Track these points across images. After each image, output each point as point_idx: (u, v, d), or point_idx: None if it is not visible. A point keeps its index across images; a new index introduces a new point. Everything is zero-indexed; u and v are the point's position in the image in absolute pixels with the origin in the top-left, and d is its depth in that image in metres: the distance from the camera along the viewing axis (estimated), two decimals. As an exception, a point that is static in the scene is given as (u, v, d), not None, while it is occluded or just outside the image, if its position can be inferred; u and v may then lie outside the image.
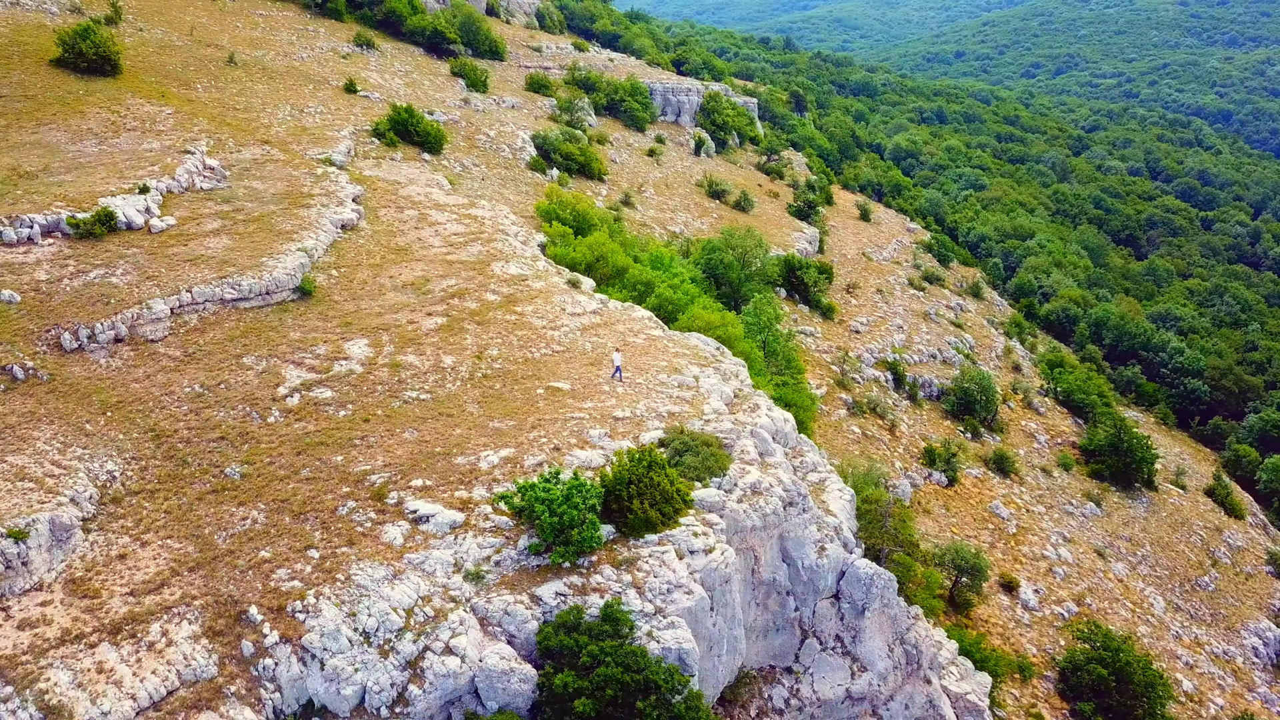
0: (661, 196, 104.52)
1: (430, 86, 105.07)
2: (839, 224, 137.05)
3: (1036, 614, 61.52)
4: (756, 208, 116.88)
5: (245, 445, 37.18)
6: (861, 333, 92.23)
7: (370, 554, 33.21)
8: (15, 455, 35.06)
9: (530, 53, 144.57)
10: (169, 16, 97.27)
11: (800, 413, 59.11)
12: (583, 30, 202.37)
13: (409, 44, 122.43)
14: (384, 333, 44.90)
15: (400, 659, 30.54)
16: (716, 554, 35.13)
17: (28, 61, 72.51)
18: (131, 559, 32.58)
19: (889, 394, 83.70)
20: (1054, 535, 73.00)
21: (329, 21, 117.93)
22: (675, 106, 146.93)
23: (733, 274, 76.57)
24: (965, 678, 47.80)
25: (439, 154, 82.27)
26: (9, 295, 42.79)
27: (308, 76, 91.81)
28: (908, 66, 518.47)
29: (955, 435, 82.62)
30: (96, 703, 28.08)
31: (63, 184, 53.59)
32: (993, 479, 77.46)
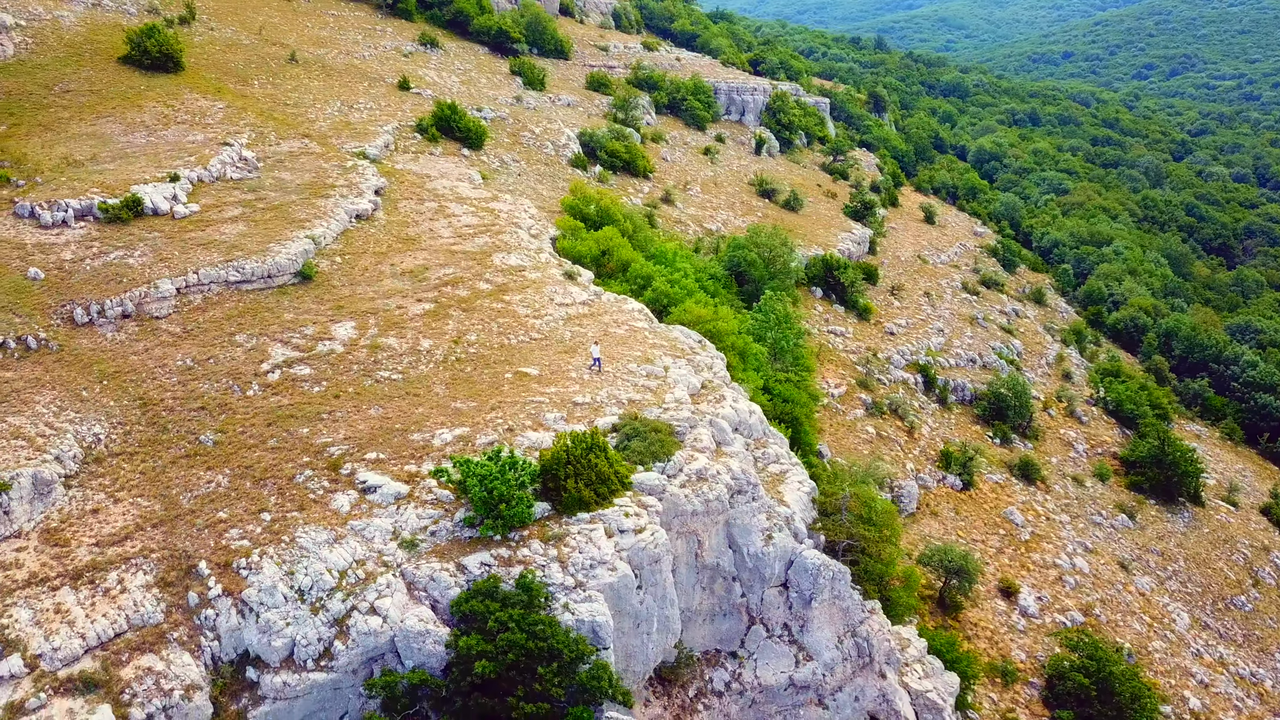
0: (708, 195, 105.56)
1: (486, 84, 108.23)
2: (900, 226, 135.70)
3: (1035, 621, 60.79)
4: (807, 207, 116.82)
5: (222, 415, 40.07)
6: (896, 335, 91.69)
7: (317, 519, 35.61)
8: (15, 416, 38.61)
9: (597, 52, 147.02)
10: (242, 16, 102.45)
11: (797, 409, 59.85)
12: (661, 30, 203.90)
13: (474, 43, 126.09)
14: (371, 316, 47.48)
15: (329, 616, 32.83)
16: (646, 534, 36.47)
17: (98, 59, 77.85)
18: (103, 514, 35.67)
19: (916, 396, 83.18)
20: (1073, 545, 71.70)
21: (398, 21, 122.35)
22: (740, 106, 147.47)
23: (755, 272, 77.26)
24: (930, 676, 47.95)
25: (479, 149, 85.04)
26: (35, 273, 46.77)
27: (365, 74, 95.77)
28: (1011, 67, 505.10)
29: (982, 440, 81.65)
30: (49, 639, 31.07)
31: (104, 172, 57.88)
32: (1015, 485, 76.38)
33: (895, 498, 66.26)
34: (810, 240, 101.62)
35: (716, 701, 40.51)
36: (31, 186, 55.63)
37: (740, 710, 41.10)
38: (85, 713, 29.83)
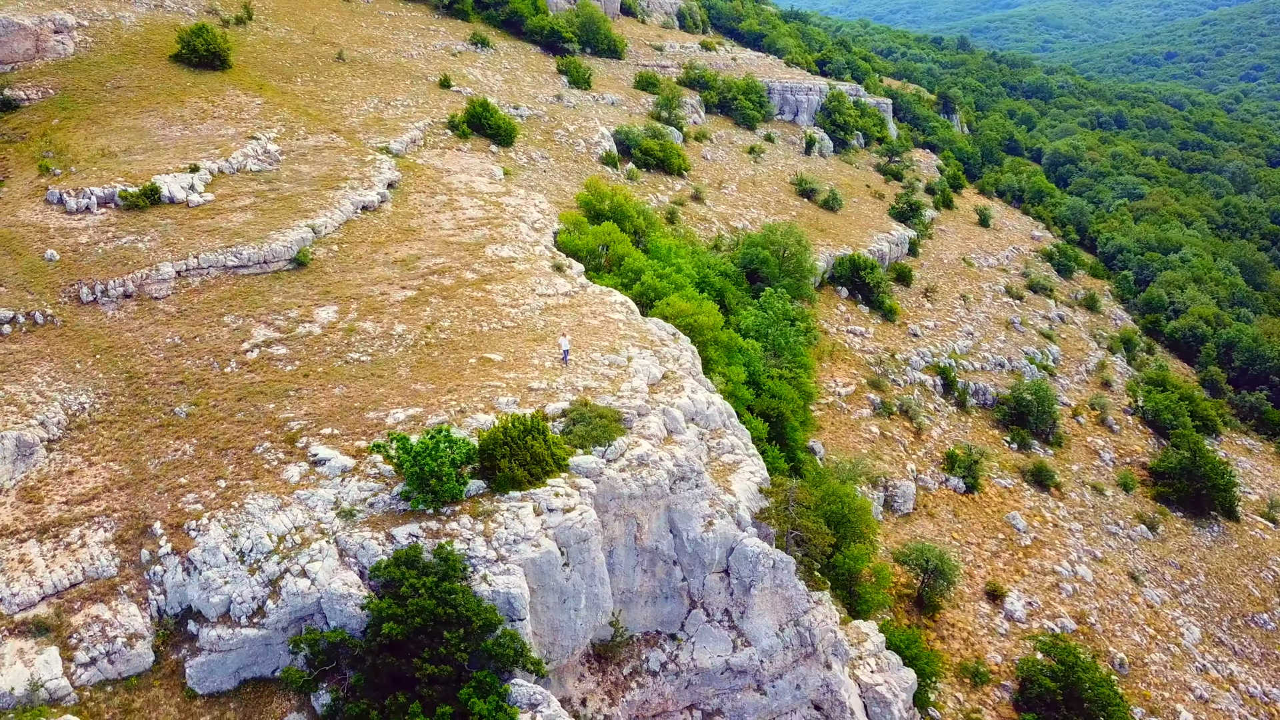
0: (743, 193, 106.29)
1: (531, 83, 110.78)
2: (950, 228, 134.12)
3: (1021, 626, 60.32)
4: (849, 208, 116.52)
5: (198, 389, 42.98)
6: (920, 336, 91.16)
7: (268, 488, 38.13)
8: (12, 384, 42.14)
9: (651, 51, 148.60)
10: (299, 17, 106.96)
11: (783, 404, 60.61)
12: (728, 29, 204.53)
13: (527, 42, 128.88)
14: (354, 302, 50.05)
15: (264, 577, 35.26)
16: (575, 514, 38.03)
17: (151, 57, 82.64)
18: (77, 475, 38.81)
19: (933, 398, 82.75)
20: (1078, 553, 70.67)
21: (454, 21, 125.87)
22: (793, 105, 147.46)
23: (768, 269, 77.92)
24: (884, 671, 48.44)
25: (509, 146, 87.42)
26: (51, 254, 50.60)
27: (408, 72, 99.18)
28: (1109, 68, 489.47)
29: (998, 444, 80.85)
30: (9, 585, 34.17)
31: (133, 163, 61.87)
32: (1025, 491, 75.49)
33: (889, 497, 66.41)
34: (843, 240, 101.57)
35: (651, 680, 41.81)
36: (66, 175, 59.86)
37: (676, 691, 42.34)
38: (34, 653, 32.81)
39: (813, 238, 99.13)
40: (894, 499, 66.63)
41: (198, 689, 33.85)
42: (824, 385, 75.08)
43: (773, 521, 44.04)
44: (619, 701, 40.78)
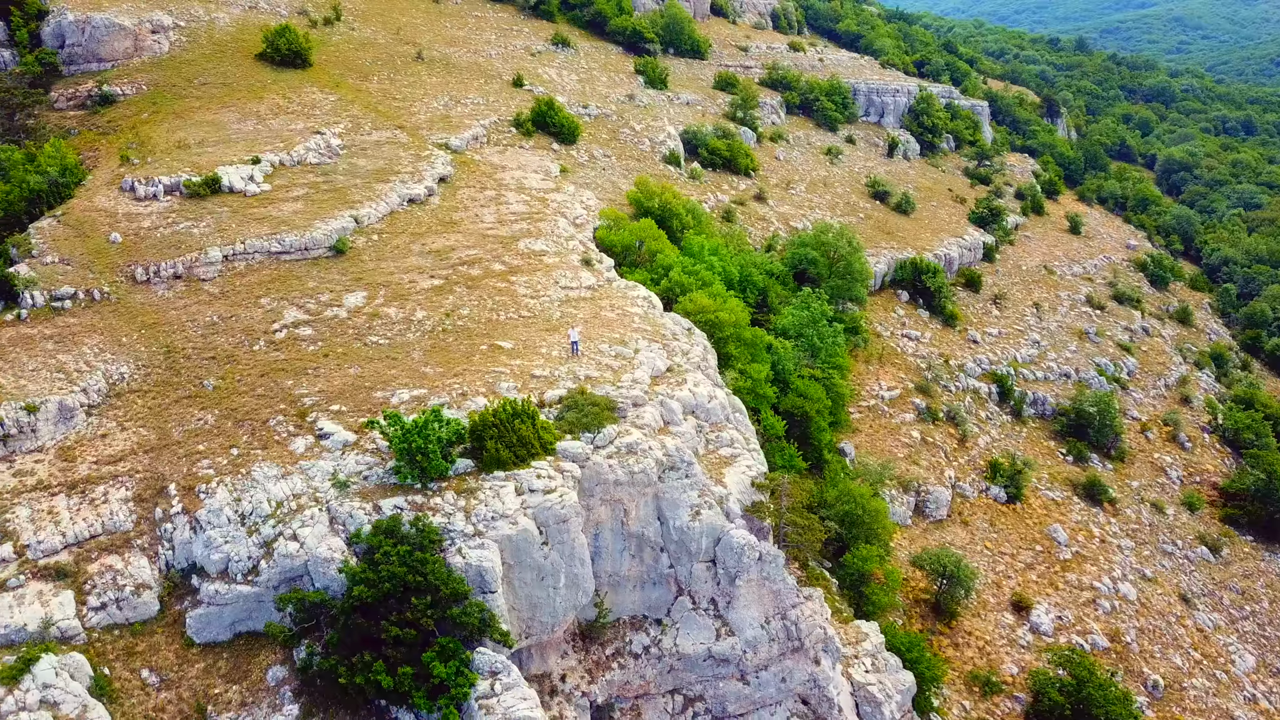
0: (812, 194, 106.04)
1: (606, 82, 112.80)
2: (1037, 234, 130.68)
3: (1046, 639, 59.02)
4: (924, 211, 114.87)
5: (227, 365, 46.14)
6: (980, 343, 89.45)
7: (274, 457, 40.84)
8: (64, 354, 46.08)
9: (736, 52, 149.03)
10: (387, 18, 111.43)
11: (808, 404, 60.88)
12: (825, 30, 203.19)
13: (609, 43, 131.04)
14: (383, 288, 52.68)
15: (260, 539, 37.90)
16: (555, 495, 39.53)
17: (238, 56, 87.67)
18: (109, 438, 42.28)
19: (985, 406, 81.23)
20: (1124, 570, 68.57)
21: (538, 22, 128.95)
22: (879, 107, 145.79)
23: (815, 270, 77.89)
24: (880, 671, 48.47)
25: (571, 144, 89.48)
26: (115, 237, 54.82)
27: (484, 71, 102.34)
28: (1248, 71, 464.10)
29: (1051, 456, 78.89)
30: (37, 533, 37.63)
31: (203, 154, 66.14)
32: (1073, 504, 73.49)
33: (921, 502, 65.82)
34: (909, 244, 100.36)
35: (633, 662, 43.03)
36: (143, 164, 64.46)
37: (658, 675, 43.45)
38: (52, 595, 36.12)
39: (877, 240, 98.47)
40: (926, 504, 65.98)
41: (195, 638, 36.64)
42: (867, 388, 74.72)
43: (763, 515, 44.62)
44: (598, 680, 42.14)
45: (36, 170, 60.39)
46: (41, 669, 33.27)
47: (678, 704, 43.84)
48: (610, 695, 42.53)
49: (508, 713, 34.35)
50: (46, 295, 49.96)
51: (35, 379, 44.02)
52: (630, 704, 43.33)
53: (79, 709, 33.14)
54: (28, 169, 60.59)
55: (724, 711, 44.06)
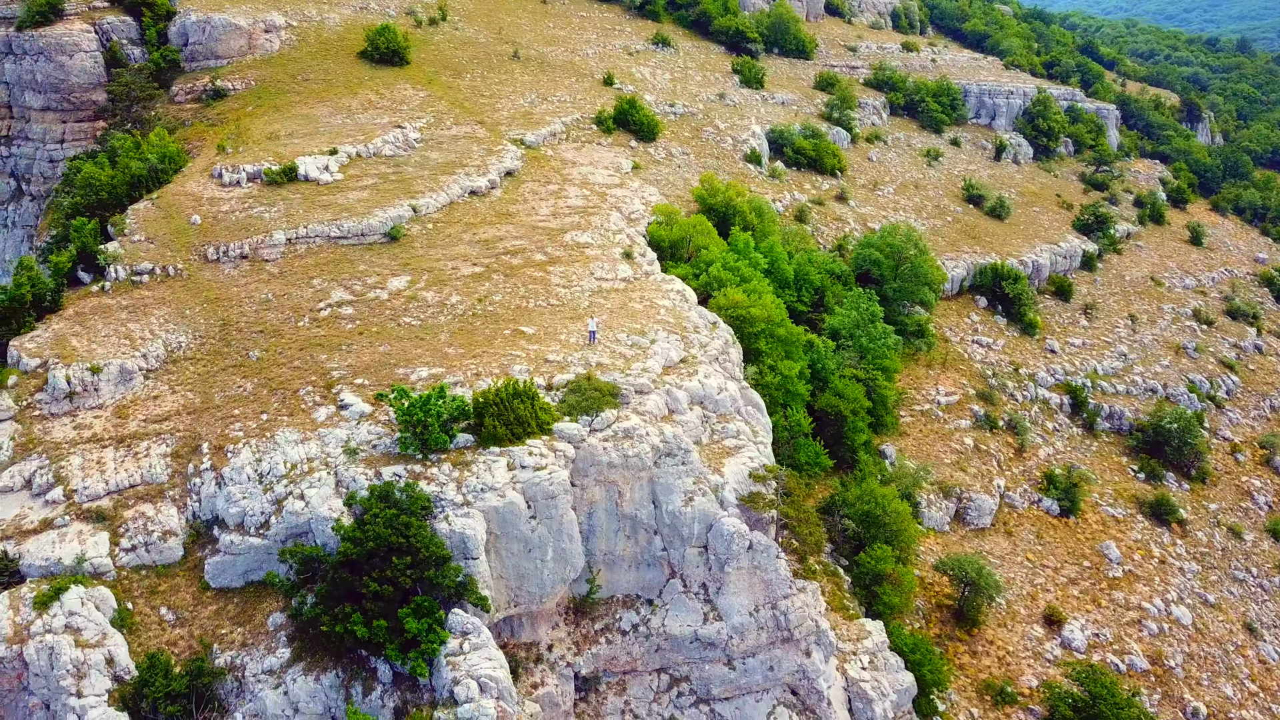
0: (901, 196, 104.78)
1: (699, 81, 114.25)
2: (1151, 244, 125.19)
3: (1078, 655, 57.39)
4: (1021, 216, 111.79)
5: (273, 338, 50.11)
6: (1058, 353, 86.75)
7: (298, 424, 44.36)
8: (133, 322, 51.00)
9: (844, 52, 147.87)
10: (492, 17, 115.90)
11: (843, 404, 61.13)
12: (951, 30, 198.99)
13: (712, 42, 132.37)
14: (426, 274, 55.89)
15: (273, 496, 41.39)
16: (544, 472, 41.62)
17: (342, 54, 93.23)
18: (160, 400, 46.72)
19: (1055, 418, 78.96)
20: (1181, 593, 65.81)
21: (643, 21, 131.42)
22: (990, 109, 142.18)
23: (878, 271, 77.41)
24: (877, 669, 48.65)
25: (650, 141, 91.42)
26: (195, 218, 59.93)
27: (577, 70, 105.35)
28: None
29: (1120, 472, 76.12)
30: (83, 480, 42.17)
31: (290, 145, 71.10)
32: (1135, 523, 70.80)
33: (962, 509, 64.94)
34: (996, 249, 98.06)
35: (620, 639, 44.73)
36: (235, 154, 69.87)
37: (646, 653, 45.02)
38: (89, 535, 40.46)
39: (959, 244, 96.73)
40: (967, 511, 64.99)
41: (211, 583, 40.41)
42: (923, 392, 73.93)
43: (759, 506, 45.51)
44: (584, 652, 44.06)
45: (139, 157, 66.34)
46: (69, 598, 37.47)
47: (663, 683, 45.31)
48: (596, 668, 44.35)
49: (472, 670, 36.63)
50: (128, 270, 55.20)
51: (105, 344, 48.96)
52: (617, 679, 45.06)
53: (99, 636, 37.19)
54: (132, 156, 66.63)
55: (708, 694, 45.27)
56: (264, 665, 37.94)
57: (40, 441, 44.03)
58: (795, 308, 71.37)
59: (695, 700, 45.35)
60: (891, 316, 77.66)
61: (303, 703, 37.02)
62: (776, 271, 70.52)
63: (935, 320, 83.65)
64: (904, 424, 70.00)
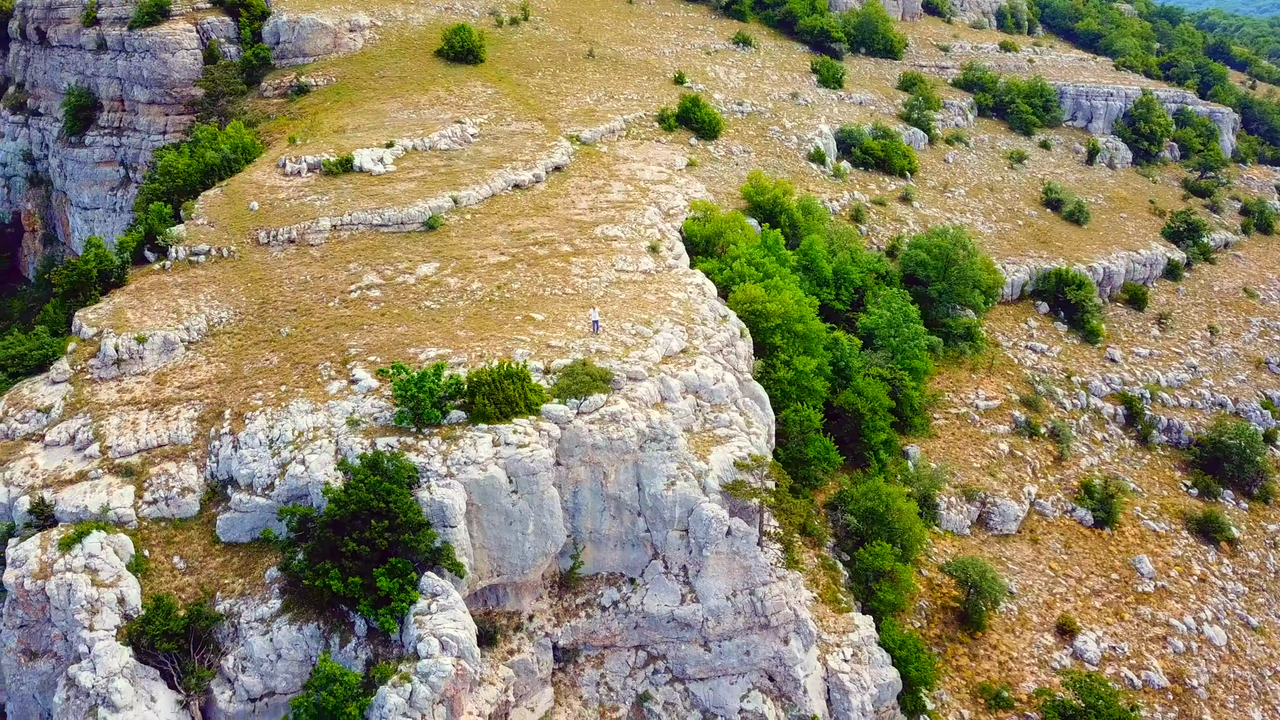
0: (973, 198, 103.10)
1: (774, 81, 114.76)
2: (1252, 254, 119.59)
3: (1089, 666, 56.19)
4: (1105, 222, 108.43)
5: (304, 317, 53.81)
6: (1118, 362, 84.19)
7: (311, 395, 47.76)
8: (184, 298, 55.53)
9: (936, 52, 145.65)
10: (575, 17, 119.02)
11: (864, 403, 61.50)
12: (1062, 29, 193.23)
13: (796, 42, 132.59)
14: (454, 261, 58.83)
15: (279, 460, 44.80)
16: (527, 450, 43.82)
17: (420, 52, 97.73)
18: (196, 369, 50.89)
19: (1105, 428, 76.80)
20: (1218, 613, 63.49)
21: (728, 21, 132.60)
22: (1087, 112, 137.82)
23: (924, 273, 76.83)
24: (860, 663, 49.19)
25: (711, 140, 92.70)
26: (254, 205, 64.46)
27: (649, 69, 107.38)
28: None
29: (1171, 486, 73.64)
30: (118, 438, 46.47)
31: (353, 138, 75.35)
32: (1178, 539, 68.42)
33: (984, 514, 64.26)
34: (1067, 254, 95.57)
35: (600, 614, 46.57)
36: (303, 146, 74.50)
37: (624, 629, 46.76)
38: (118, 488, 44.59)
39: (1025, 248, 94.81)
40: (990, 516, 64.20)
41: (221, 537, 44.03)
42: (961, 395, 73.16)
43: (741, 494, 46.56)
44: (563, 625, 46.12)
45: (214, 147, 71.56)
46: (90, 541, 41.53)
47: (640, 659, 46.98)
48: (575, 640, 46.33)
49: (435, 629, 39.12)
50: (187, 250, 59.98)
51: (155, 317, 53.53)
52: (597, 652, 46.95)
53: (114, 577, 41.13)
54: (208, 146, 71.91)
55: (684, 673, 46.72)
56: (257, 614, 41.24)
57: (87, 402, 48.63)
58: (833, 306, 71.84)
59: (671, 679, 46.88)
60: (937, 319, 77.14)
61: (285, 649, 40.15)
62: (815, 269, 71.06)
63: (988, 324, 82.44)
64: (936, 426, 69.55)
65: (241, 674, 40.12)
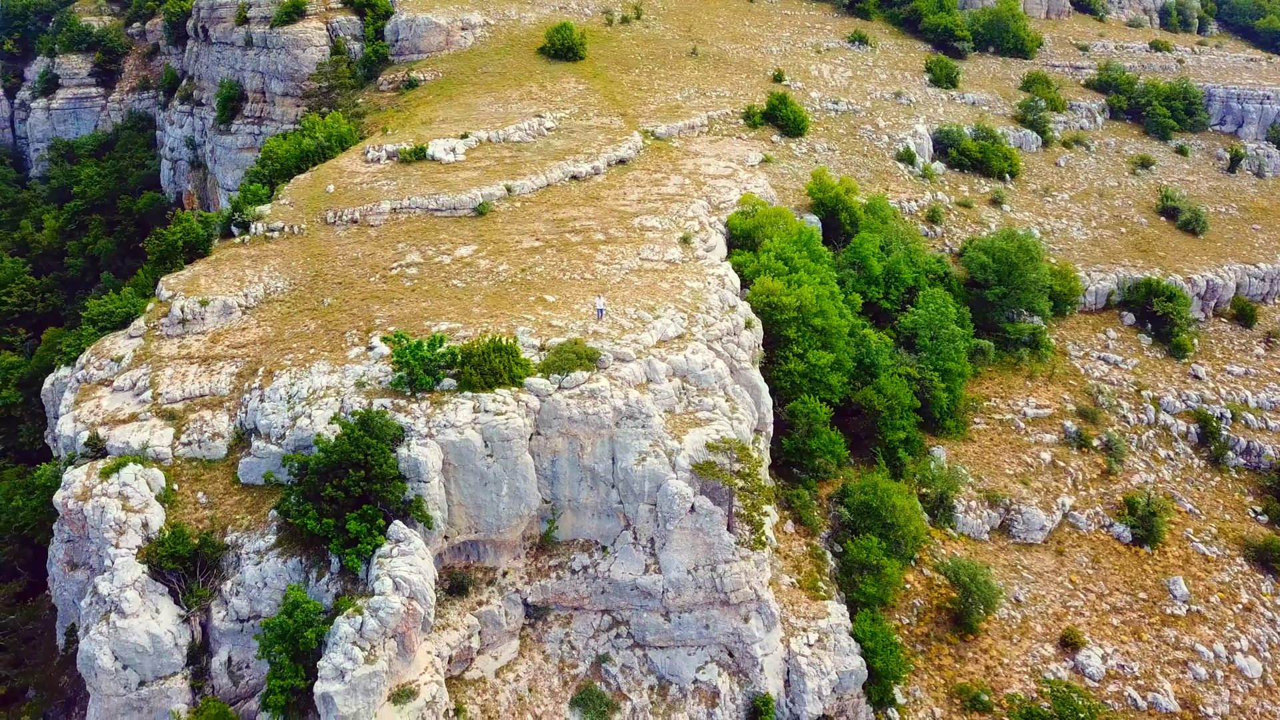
0: (1077, 204, 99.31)
1: (881, 80, 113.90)
2: None
3: (1089, 683, 54.54)
4: (1224, 232, 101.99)
5: (346, 289, 59.24)
6: (1202, 379, 79.61)
7: (332, 359, 52.93)
8: (250, 269, 62.09)
9: (1074, 51, 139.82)
10: (689, 15, 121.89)
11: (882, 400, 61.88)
12: (1241, 28, 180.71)
13: (919, 40, 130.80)
14: (491, 245, 63.02)
15: (292, 414, 50.06)
16: (502, 418, 47.36)
17: (525, 49, 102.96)
18: (246, 331, 57.11)
19: (1172, 446, 73.17)
20: (1260, 643, 60.05)
21: (849, 19, 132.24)
22: (1238, 116, 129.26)
23: (983, 276, 75.41)
24: (824, 649, 50.22)
25: (795, 137, 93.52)
26: (330, 188, 70.81)
27: (750, 67, 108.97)
28: None
29: (1237, 511, 69.63)
30: (168, 386, 53.05)
31: (435, 129, 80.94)
32: (1230, 564, 64.67)
33: (1007, 521, 63.15)
34: (1169, 264, 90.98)
35: (569, 577, 49.62)
36: (391, 136, 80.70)
37: (592, 594, 49.64)
38: (160, 429, 50.98)
39: (1121, 257, 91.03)
40: (1012, 523, 62.95)
41: (241, 479, 49.67)
42: (1010, 402, 71.60)
43: (710, 475, 48.44)
44: (534, 583, 49.46)
45: (311, 135, 78.70)
46: (126, 472, 47.91)
47: (605, 623, 49.77)
48: (544, 599, 49.57)
49: (392, 570, 43.18)
50: (265, 227, 66.79)
51: (223, 284, 60.24)
52: (567, 613, 50.05)
53: (143, 504, 47.32)
54: (306, 135, 79.14)
55: (644, 640, 49.20)
56: (254, 546, 46.59)
57: (151, 355, 55.55)
58: (881, 304, 71.93)
59: (632, 644, 49.47)
60: (995, 323, 75.80)
61: (270, 579, 45.25)
62: (865, 267, 71.39)
63: (1059, 332, 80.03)
64: (975, 430, 68.57)
65: (234, 597, 45.49)
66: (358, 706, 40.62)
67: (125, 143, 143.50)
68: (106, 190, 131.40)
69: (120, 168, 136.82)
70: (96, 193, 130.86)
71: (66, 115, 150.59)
